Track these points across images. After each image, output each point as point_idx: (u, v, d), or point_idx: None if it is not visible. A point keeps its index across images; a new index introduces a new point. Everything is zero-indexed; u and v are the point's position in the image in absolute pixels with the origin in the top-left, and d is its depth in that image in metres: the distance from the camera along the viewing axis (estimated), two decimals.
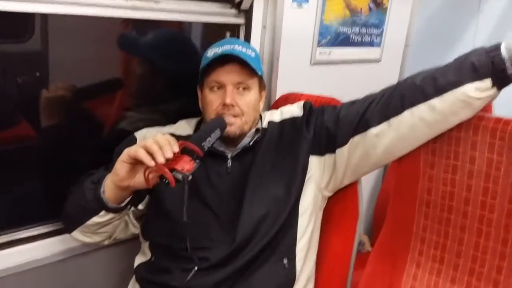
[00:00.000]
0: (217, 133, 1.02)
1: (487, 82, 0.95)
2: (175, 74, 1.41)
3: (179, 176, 0.87)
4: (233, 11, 1.44)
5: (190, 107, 1.25)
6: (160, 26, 1.38)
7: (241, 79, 1.12)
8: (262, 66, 1.49)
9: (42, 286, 1.26)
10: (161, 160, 0.87)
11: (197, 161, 0.92)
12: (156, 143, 0.90)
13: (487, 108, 1.66)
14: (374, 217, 2.00)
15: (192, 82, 1.23)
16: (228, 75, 1.11)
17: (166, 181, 0.86)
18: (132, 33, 1.35)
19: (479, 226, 1.01)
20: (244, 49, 1.13)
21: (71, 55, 1.20)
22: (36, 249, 1.23)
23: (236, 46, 1.13)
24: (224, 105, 1.10)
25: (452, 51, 2.28)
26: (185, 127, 1.23)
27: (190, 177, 0.89)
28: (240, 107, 1.12)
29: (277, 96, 1.51)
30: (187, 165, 0.89)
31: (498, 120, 0.98)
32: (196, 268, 1.04)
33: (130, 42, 1.34)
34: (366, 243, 1.95)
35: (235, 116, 1.12)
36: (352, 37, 1.71)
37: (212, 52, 1.13)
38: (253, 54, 1.16)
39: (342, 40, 1.68)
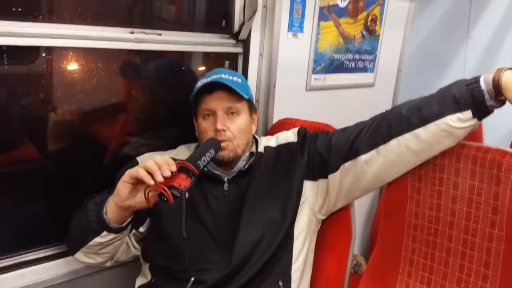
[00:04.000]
0: (211, 152, 1.09)
1: (468, 113, 0.99)
2: (176, 102, 1.47)
3: (177, 193, 0.93)
4: (232, 41, 1.51)
5: (190, 133, 1.30)
6: (163, 57, 1.45)
7: (229, 104, 1.19)
8: (259, 93, 1.58)
9: None
10: (159, 178, 0.94)
11: (193, 178, 0.98)
12: (155, 163, 0.96)
13: (478, 136, 1.72)
14: (370, 239, 2.03)
15: (191, 109, 1.28)
16: (217, 102, 1.18)
17: (165, 198, 0.92)
18: (135, 62, 1.42)
19: (463, 249, 1.05)
20: (230, 77, 1.21)
21: (75, 78, 1.26)
22: (40, 272, 1.26)
23: (223, 75, 1.21)
24: (216, 130, 1.16)
25: (443, 76, 2.35)
26: (184, 151, 1.29)
27: (187, 194, 0.95)
28: (231, 131, 1.18)
29: (274, 121, 1.57)
30: (183, 182, 0.96)
31: (479, 148, 1.03)
32: (192, 279, 1.08)
33: (133, 71, 1.40)
34: (363, 264, 1.98)
35: (227, 140, 1.17)
36: (346, 63, 1.78)
37: (201, 83, 1.20)
38: (239, 81, 1.23)
39: (336, 67, 1.75)
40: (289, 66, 1.60)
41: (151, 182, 0.94)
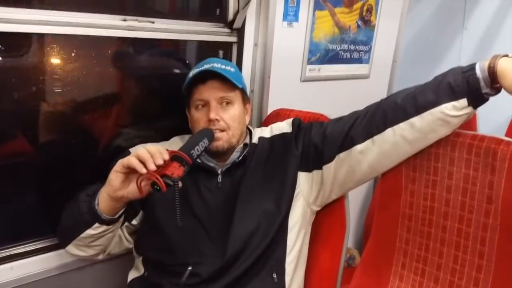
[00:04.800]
0: (205, 142, 1.07)
1: (463, 101, 0.99)
2: (170, 92, 1.45)
3: (169, 181, 0.92)
4: (226, 30, 1.50)
5: (184, 124, 1.29)
6: (157, 46, 1.42)
7: (223, 94, 1.17)
8: (253, 84, 1.57)
9: None
10: (152, 167, 0.92)
11: (186, 167, 0.97)
12: (147, 152, 0.94)
13: (472, 126, 1.72)
14: (364, 231, 2.03)
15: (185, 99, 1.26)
16: (210, 91, 1.17)
17: (158, 187, 0.91)
18: (128, 51, 1.40)
19: (458, 239, 1.05)
20: (223, 66, 1.19)
21: (67, 71, 1.24)
22: (32, 264, 1.24)
23: (215, 64, 1.19)
24: (210, 120, 1.15)
25: (438, 67, 2.34)
26: (178, 143, 1.27)
27: (180, 183, 0.93)
28: (225, 121, 1.17)
29: (269, 112, 1.56)
30: (176, 171, 0.94)
31: (474, 136, 1.02)
32: (190, 268, 1.07)
33: (125, 61, 1.38)
34: (357, 257, 1.98)
35: (221, 130, 1.16)
36: (341, 54, 1.77)
37: (193, 72, 1.19)
38: (232, 70, 1.21)
39: (331, 57, 1.73)
40: (284, 56, 1.58)
41: (143, 170, 0.93)
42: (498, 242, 0.99)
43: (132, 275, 1.21)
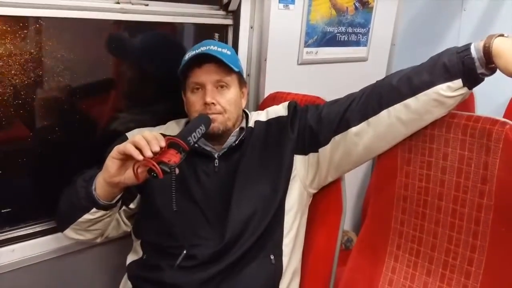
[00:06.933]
0: (202, 128, 1.07)
1: (458, 82, 0.98)
2: (165, 76, 1.45)
3: (166, 168, 0.92)
4: (221, 12, 1.48)
5: (180, 108, 1.29)
6: (150, 28, 1.41)
7: (219, 77, 1.16)
8: (250, 67, 1.55)
9: (35, 284, 1.28)
10: (148, 153, 0.92)
11: (183, 154, 0.97)
12: (143, 139, 0.94)
13: (470, 107, 1.71)
14: (362, 214, 2.04)
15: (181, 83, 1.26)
16: (206, 75, 1.16)
17: (154, 174, 0.91)
18: (122, 35, 1.38)
19: (452, 220, 1.05)
20: (219, 49, 1.17)
21: (63, 57, 1.23)
22: (30, 248, 1.26)
23: (211, 46, 1.17)
24: (206, 104, 1.14)
25: (437, 49, 2.31)
26: (174, 127, 1.27)
27: (177, 169, 0.93)
28: (221, 105, 1.16)
29: (265, 95, 1.55)
30: (173, 157, 0.94)
31: (469, 117, 1.02)
32: (184, 252, 1.08)
33: (120, 44, 1.37)
34: (354, 240, 1.99)
35: (217, 113, 1.16)
36: (338, 37, 1.75)
37: (189, 55, 1.18)
38: (229, 53, 1.20)
39: (329, 40, 1.72)
40: (280, 39, 1.56)
41: (140, 157, 0.92)
42: (492, 222, 0.99)
43: (130, 258, 1.22)
